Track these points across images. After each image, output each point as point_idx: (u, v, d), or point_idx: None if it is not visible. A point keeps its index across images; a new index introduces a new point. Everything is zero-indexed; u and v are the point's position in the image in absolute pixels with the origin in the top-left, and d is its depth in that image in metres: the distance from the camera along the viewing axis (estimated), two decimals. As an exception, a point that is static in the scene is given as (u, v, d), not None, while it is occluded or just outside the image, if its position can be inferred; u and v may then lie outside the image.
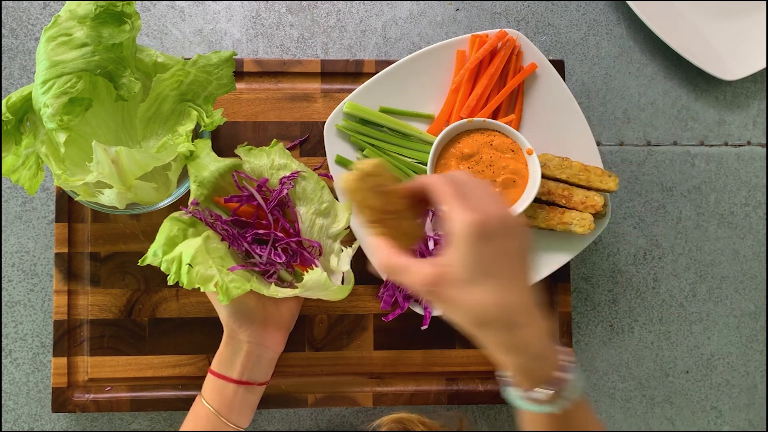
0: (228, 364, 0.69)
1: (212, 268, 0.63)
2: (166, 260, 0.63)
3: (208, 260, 0.63)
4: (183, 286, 0.62)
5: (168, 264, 0.63)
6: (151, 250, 0.65)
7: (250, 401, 0.71)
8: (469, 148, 0.73)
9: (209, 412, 0.68)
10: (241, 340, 0.69)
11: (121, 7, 0.64)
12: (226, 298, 0.62)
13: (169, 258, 0.63)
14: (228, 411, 0.68)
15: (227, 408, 0.68)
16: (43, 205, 0.81)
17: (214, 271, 0.63)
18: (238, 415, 0.69)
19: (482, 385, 0.80)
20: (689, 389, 0.86)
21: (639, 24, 0.87)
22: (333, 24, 0.85)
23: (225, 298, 0.62)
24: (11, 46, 0.83)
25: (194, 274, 0.62)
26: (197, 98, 0.70)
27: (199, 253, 0.63)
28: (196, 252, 0.63)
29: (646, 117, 0.87)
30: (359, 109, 0.76)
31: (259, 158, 0.72)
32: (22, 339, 0.80)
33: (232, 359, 0.69)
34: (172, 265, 0.63)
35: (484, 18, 0.86)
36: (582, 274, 0.85)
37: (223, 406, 0.68)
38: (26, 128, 0.68)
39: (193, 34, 0.84)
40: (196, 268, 0.62)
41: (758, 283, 0.87)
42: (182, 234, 0.66)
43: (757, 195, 0.87)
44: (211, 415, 0.68)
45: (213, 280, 0.62)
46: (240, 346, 0.69)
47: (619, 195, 0.86)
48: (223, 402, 0.68)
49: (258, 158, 0.72)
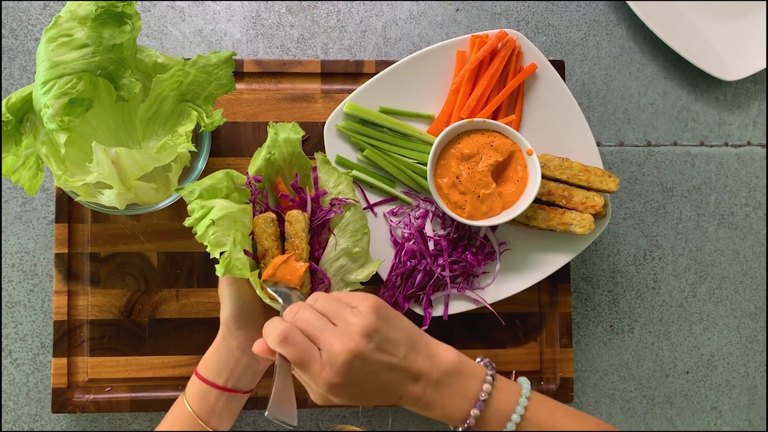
0: (215, 370, 0.68)
1: (229, 237, 0.62)
2: (197, 203, 0.63)
3: (231, 229, 0.62)
4: (195, 234, 0.62)
5: (197, 207, 0.63)
6: (191, 185, 0.64)
7: (233, 408, 0.70)
8: (469, 149, 0.73)
9: (189, 414, 0.67)
10: (232, 346, 0.67)
11: (121, 8, 0.64)
12: (222, 270, 0.61)
13: (201, 204, 0.63)
14: (208, 416, 0.67)
15: (208, 413, 0.67)
16: (43, 206, 0.81)
17: (229, 241, 0.62)
18: (218, 421, 0.68)
19: (482, 385, 0.80)
20: (689, 389, 0.86)
21: (639, 24, 0.87)
22: (333, 24, 0.85)
23: (222, 269, 0.61)
24: (11, 46, 0.83)
25: (210, 232, 0.61)
26: (197, 98, 0.70)
27: (228, 217, 0.62)
28: (226, 214, 0.62)
29: (646, 117, 0.87)
30: (359, 110, 0.76)
31: (329, 174, 0.71)
32: (22, 339, 0.80)
33: (220, 365, 0.68)
34: (199, 211, 0.62)
35: (484, 18, 0.86)
36: (582, 275, 0.85)
37: (204, 410, 0.67)
38: (26, 129, 0.68)
39: (193, 35, 0.84)
40: (215, 228, 0.61)
41: (758, 284, 0.87)
42: (227, 191, 0.66)
43: (757, 195, 0.87)
44: (191, 417, 0.67)
45: (222, 247, 0.61)
46: (230, 353, 0.67)
47: (619, 195, 0.86)
48: (205, 406, 0.67)
49: (328, 174, 0.71)
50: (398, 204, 0.78)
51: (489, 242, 0.78)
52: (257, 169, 0.69)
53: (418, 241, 0.76)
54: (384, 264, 0.77)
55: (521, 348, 0.81)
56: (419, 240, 0.76)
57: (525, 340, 0.81)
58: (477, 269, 0.78)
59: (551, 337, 0.81)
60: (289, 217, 0.67)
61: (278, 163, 0.70)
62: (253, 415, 0.81)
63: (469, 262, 0.76)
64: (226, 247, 0.61)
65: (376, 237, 0.77)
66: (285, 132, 0.70)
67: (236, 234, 0.63)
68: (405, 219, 0.78)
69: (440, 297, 0.77)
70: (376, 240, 0.77)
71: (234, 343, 0.67)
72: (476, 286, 0.78)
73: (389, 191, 0.78)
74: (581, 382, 0.85)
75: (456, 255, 0.76)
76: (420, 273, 0.76)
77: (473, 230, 0.78)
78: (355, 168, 0.78)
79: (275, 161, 0.70)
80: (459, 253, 0.77)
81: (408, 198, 0.78)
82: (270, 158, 0.70)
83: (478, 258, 0.77)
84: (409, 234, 0.77)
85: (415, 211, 0.78)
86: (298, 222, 0.67)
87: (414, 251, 0.76)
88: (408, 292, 0.77)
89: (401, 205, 0.78)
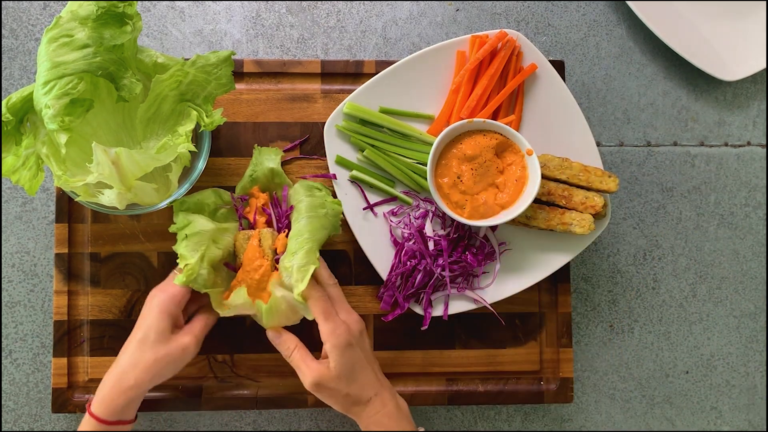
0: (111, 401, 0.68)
1: (197, 253, 0.69)
2: (183, 215, 0.71)
3: (202, 245, 0.70)
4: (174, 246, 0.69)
5: (181, 218, 0.71)
6: (183, 199, 0.72)
7: None
8: (471, 150, 0.73)
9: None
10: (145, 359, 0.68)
11: (122, 9, 0.64)
12: (183, 279, 0.67)
13: (186, 216, 0.71)
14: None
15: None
16: (44, 206, 0.81)
17: (196, 256, 0.69)
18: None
19: (482, 385, 0.80)
20: (689, 389, 0.86)
21: (639, 24, 0.87)
22: (333, 24, 0.85)
23: (183, 279, 0.67)
24: (11, 46, 0.83)
25: (183, 244, 0.69)
26: (196, 98, 0.70)
27: (201, 234, 0.70)
28: (200, 231, 0.70)
29: (646, 117, 0.87)
30: (359, 110, 0.76)
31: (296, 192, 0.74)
32: (22, 339, 0.80)
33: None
34: (181, 222, 0.70)
35: (484, 18, 0.86)
36: (582, 275, 0.85)
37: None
38: (26, 129, 0.68)
39: (194, 35, 0.84)
40: (187, 242, 0.69)
41: (758, 284, 0.87)
42: (214, 206, 0.74)
43: (756, 195, 0.87)
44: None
45: (188, 260, 0.68)
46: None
47: (619, 195, 0.86)
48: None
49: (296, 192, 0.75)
50: (398, 204, 0.78)
51: (489, 242, 0.78)
52: (242, 186, 0.76)
53: (418, 241, 0.76)
54: (384, 264, 0.77)
55: (521, 348, 0.81)
56: (419, 240, 0.76)
57: (525, 340, 0.81)
58: (477, 269, 0.78)
59: (551, 337, 0.81)
60: (258, 234, 0.73)
61: (261, 180, 0.76)
62: (253, 415, 0.81)
63: (469, 262, 0.76)
64: (191, 260, 0.68)
65: (376, 237, 0.77)
66: (266, 153, 0.77)
67: (207, 251, 0.70)
68: (405, 219, 0.78)
69: (440, 297, 0.77)
70: (376, 240, 0.77)
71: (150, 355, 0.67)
72: (476, 286, 0.78)
73: (389, 191, 0.78)
74: (581, 382, 0.85)
75: (456, 255, 0.76)
76: (420, 273, 0.76)
77: (473, 230, 0.78)
78: (355, 168, 0.78)
79: (258, 178, 0.76)
80: (459, 253, 0.77)
81: (408, 198, 0.78)
82: (253, 176, 0.76)
83: (478, 258, 0.77)
84: (409, 234, 0.77)
85: (415, 211, 0.79)
86: (265, 239, 0.73)
87: (414, 251, 0.76)
88: (408, 292, 0.77)
89: (401, 205, 0.78)
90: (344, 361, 0.67)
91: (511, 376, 0.81)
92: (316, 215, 0.71)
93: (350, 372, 0.68)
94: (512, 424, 0.84)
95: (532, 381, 0.81)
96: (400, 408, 0.71)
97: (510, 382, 0.81)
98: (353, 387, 0.68)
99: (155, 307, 0.68)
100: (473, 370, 0.81)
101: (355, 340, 0.68)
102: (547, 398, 0.81)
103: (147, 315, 0.68)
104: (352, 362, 0.68)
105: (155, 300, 0.69)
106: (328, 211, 0.72)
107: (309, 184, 0.74)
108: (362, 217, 0.77)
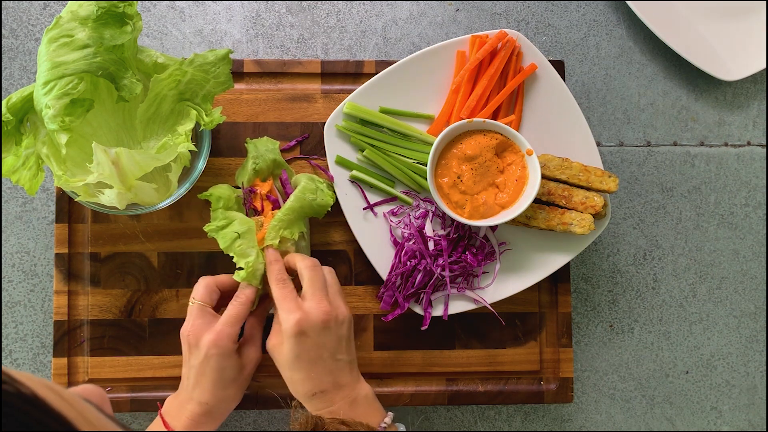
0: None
1: (253, 249, 0.70)
2: (221, 212, 0.71)
3: (253, 241, 0.71)
4: (221, 246, 0.69)
5: (220, 216, 0.71)
6: (212, 190, 0.72)
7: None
8: (471, 150, 0.73)
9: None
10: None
11: (122, 9, 0.64)
12: (244, 275, 0.69)
13: (223, 213, 0.71)
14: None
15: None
16: (44, 206, 0.81)
17: (254, 253, 0.70)
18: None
19: (482, 385, 0.80)
20: (689, 389, 0.86)
21: (639, 24, 0.87)
22: (333, 24, 0.85)
23: (245, 275, 0.69)
24: (11, 46, 0.83)
25: (237, 244, 0.70)
26: (195, 97, 0.70)
27: (250, 231, 0.71)
28: (249, 228, 0.71)
29: (646, 117, 0.87)
30: (359, 110, 0.77)
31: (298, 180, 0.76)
32: (22, 339, 0.80)
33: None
34: (221, 221, 0.70)
35: (484, 18, 0.86)
36: (582, 275, 0.85)
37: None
38: (26, 129, 0.68)
39: (194, 35, 0.84)
40: (241, 240, 0.70)
41: (758, 284, 0.87)
42: (233, 202, 0.74)
43: (757, 195, 0.87)
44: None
45: (247, 258, 0.69)
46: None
47: (619, 195, 0.86)
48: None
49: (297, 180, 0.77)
50: (398, 204, 0.79)
51: (489, 242, 0.78)
52: (248, 179, 0.75)
53: (418, 241, 0.76)
54: (384, 264, 0.77)
55: (521, 348, 0.81)
56: (419, 240, 0.76)
57: (525, 340, 0.81)
58: (477, 269, 0.78)
59: (551, 337, 0.81)
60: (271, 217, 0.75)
61: (264, 171, 0.76)
62: (253, 415, 0.81)
63: (469, 262, 0.76)
64: (250, 258, 0.69)
65: (376, 237, 0.77)
66: (263, 145, 0.76)
67: (257, 247, 0.71)
68: (405, 219, 0.78)
69: (440, 297, 0.77)
70: (376, 240, 0.77)
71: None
72: (476, 286, 0.78)
73: (389, 191, 0.78)
74: (581, 382, 0.85)
75: (456, 255, 0.76)
76: (420, 273, 0.76)
77: (473, 230, 0.78)
78: (355, 168, 0.78)
79: (261, 170, 0.76)
80: (459, 253, 0.77)
81: (408, 198, 0.78)
82: (256, 167, 0.75)
83: (478, 258, 0.77)
84: (409, 234, 0.77)
85: (415, 211, 0.79)
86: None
87: (414, 251, 0.76)
88: (408, 292, 0.77)
89: (401, 205, 0.78)
90: (288, 348, 0.65)
91: (511, 376, 0.81)
92: (303, 196, 0.73)
93: (293, 361, 0.65)
94: (512, 424, 0.84)
95: (532, 381, 0.81)
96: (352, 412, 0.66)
97: (510, 382, 0.81)
98: (295, 376, 0.65)
99: (214, 355, 0.66)
100: (473, 370, 0.81)
101: (313, 330, 0.64)
102: (547, 398, 0.81)
103: (206, 363, 0.67)
104: (297, 352, 0.64)
105: (206, 346, 0.67)
106: (317, 198, 0.74)
107: (312, 176, 0.76)
108: (362, 217, 0.77)
